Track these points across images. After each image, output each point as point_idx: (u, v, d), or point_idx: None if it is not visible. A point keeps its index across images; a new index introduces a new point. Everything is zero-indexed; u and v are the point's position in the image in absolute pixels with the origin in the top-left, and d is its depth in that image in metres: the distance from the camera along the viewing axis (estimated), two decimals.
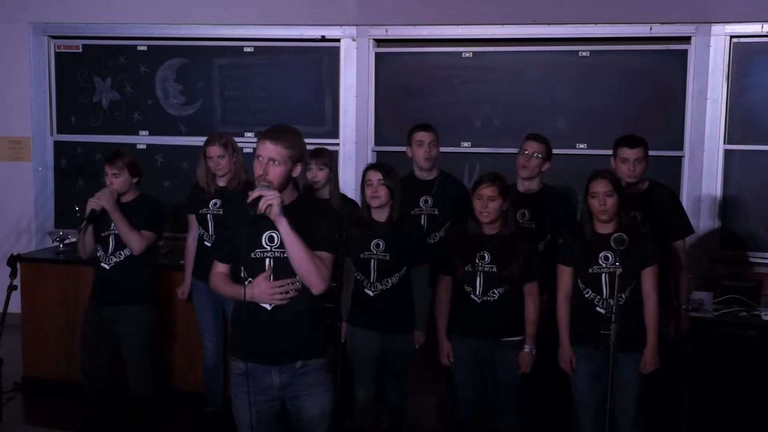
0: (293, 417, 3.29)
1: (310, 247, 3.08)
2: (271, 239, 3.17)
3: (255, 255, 3.18)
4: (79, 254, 4.71)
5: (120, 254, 4.55)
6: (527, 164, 4.58)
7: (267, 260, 3.18)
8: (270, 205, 3.01)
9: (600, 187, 3.93)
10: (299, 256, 3.07)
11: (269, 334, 3.17)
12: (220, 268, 3.32)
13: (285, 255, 3.13)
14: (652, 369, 3.97)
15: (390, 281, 4.16)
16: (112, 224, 4.50)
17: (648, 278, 3.98)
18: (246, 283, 3.18)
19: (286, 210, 3.07)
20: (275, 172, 3.10)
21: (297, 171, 3.16)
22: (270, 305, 3.17)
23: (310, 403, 3.23)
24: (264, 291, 3.14)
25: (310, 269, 3.08)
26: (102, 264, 4.58)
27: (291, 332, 3.17)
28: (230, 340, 3.38)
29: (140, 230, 4.51)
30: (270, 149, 3.09)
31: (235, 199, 4.79)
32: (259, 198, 3.02)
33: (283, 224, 3.05)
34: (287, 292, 3.14)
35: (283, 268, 3.15)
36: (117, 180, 4.52)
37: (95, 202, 4.43)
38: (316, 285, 3.10)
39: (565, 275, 4.09)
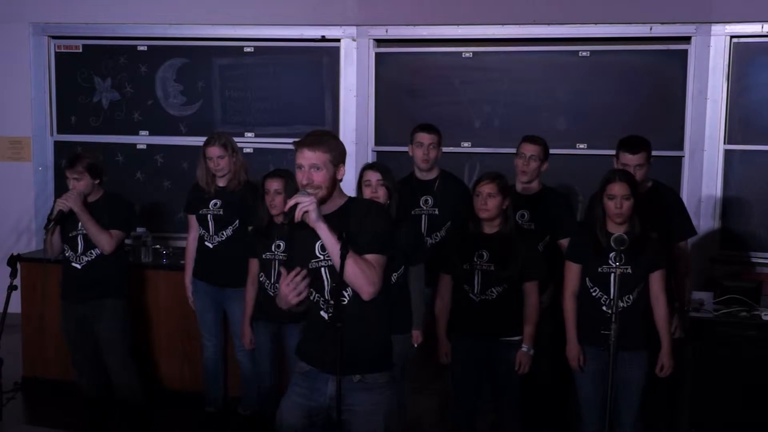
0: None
1: (357, 251, 2.99)
2: (324, 248, 3.07)
3: (311, 266, 3.12)
4: (47, 255, 4.74)
5: (91, 253, 4.57)
6: (526, 168, 4.57)
7: (323, 269, 3.11)
8: (306, 212, 2.96)
9: (618, 189, 3.90)
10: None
11: (328, 342, 3.06)
12: None
13: None
14: (669, 371, 3.97)
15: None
16: (80, 224, 4.52)
17: (656, 281, 3.98)
18: (311, 298, 3.14)
19: (336, 215, 3.04)
20: (319, 178, 3.04)
21: (341, 173, 3.11)
22: (327, 314, 3.11)
23: (359, 423, 3.12)
24: (282, 294, 3.07)
25: (357, 273, 2.97)
26: (73, 264, 4.60)
27: (347, 342, 3.03)
28: (299, 344, 3.30)
29: (109, 230, 4.52)
30: (310, 156, 3.04)
31: (236, 200, 4.83)
32: (296, 206, 2.97)
33: (322, 230, 2.97)
34: (298, 285, 3.03)
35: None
36: (79, 183, 4.53)
37: (63, 203, 4.45)
38: (365, 289, 3.00)
39: (572, 272, 4.07)
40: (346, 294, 3.10)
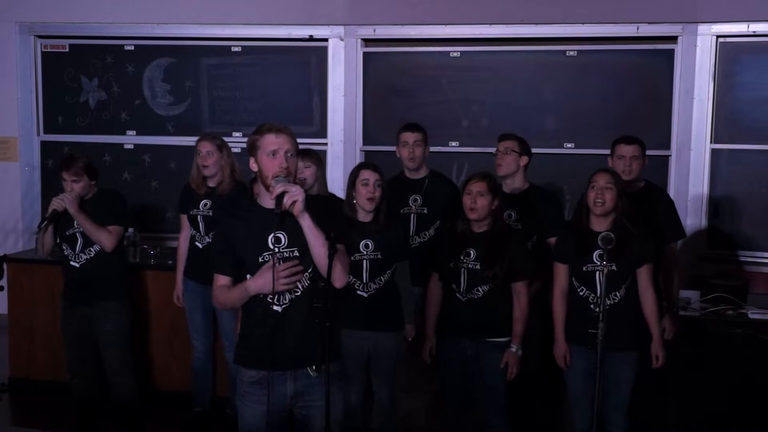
0: (301, 427, 3.20)
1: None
2: (277, 240, 3.07)
3: (263, 259, 3.08)
4: (38, 253, 4.72)
5: (90, 251, 4.54)
6: (501, 161, 4.57)
7: (277, 262, 3.08)
8: (294, 202, 2.94)
9: (601, 179, 3.95)
10: (323, 251, 2.97)
11: (281, 337, 3.08)
12: (222, 281, 3.17)
13: (295, 254, 3.07)
14: (662, 362, 3.99)
15: (383, 279, 4.15)
16: (76, 222, 4.49)
17: (643, 276, 4.00)
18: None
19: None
20: (294, 166, 3.06)
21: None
22: (280, 306, 3.08)
23: (322, 412, 3.09)
24: (268, 278, 3.00)
25: (341, 268, 3.01)
26: (72, 263, 4.56)
27: (303, 334, 3.08)
28: (239, 349, 3.24)
29: (107, 226, 4.50)
30: (287, 141, 3.04)
31: (226, 203, 4.80)
32: (282, 195, 2.94)
33: (306, 220, 2.97)
34: (293, 274, 3.03)
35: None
36: (77, 185, 4.49)
37: (58, 203, 4.42)
38: (341, 278, 3.03)
39: (560, 272, 4.09)
40: (300, 286, 3.09)
